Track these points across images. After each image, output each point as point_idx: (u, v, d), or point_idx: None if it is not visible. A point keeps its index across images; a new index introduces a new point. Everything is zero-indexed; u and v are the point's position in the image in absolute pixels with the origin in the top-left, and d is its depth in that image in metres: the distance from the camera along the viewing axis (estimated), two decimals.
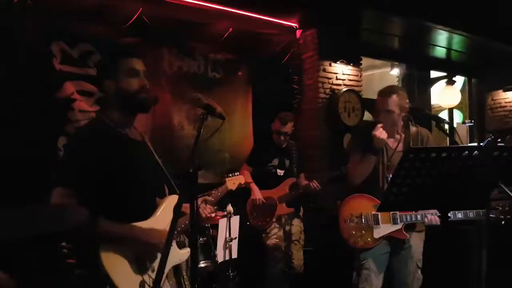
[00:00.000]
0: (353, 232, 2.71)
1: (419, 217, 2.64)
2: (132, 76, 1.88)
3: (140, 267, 1.84)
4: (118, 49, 1.89)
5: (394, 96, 2.66)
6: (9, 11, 3.34)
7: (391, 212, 2.67)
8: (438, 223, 2.57)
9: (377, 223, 2.68)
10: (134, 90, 1.87)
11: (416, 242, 2.76)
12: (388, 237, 2.70)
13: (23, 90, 3.38)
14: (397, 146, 2.77)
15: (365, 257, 2.70)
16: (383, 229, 2.68)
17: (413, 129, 2.81)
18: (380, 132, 2.59)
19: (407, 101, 2.75)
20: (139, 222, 1.86)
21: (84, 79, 3.72)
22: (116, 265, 1.78)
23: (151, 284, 1.82)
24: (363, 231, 2.69)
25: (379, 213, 2.68)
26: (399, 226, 2.66)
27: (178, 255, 2.04)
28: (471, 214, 2.65)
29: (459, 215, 2.63)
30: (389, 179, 2.68)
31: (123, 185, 1.83)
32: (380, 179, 2.75)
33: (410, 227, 2.71)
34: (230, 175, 2.64)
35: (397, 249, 2.74)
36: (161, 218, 1.93)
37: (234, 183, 2.62)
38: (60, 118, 3.59)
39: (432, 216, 2.60)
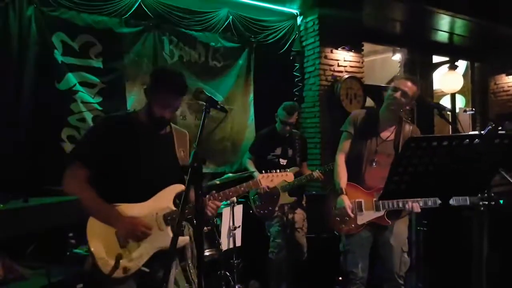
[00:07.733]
0: (338, 219, 2.80)
1: (400, 204, 2.68)
2: (166, 108, 2.01)
3: (120, 241, 1.94)
4: (177, 82, 2.01)
5: (411, 83, 2.70)
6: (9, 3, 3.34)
7: (374, 199, 2.73)
8: (419, 210, 2.65)
9: (360, 210, 2.75)
10: (160, 116, 2.01)
11: (401, 227, 2.81)
12: (371, 224, 2.76)
13: (26, 83, 3.40)
14: (388, 137, 2.80)
15: (350, 242, 2.80)
16: (366, 216, 2.75)
17: (406, 126, 2.82)
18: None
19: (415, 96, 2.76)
20: (130, 204, 1.97)
21: (86, 70, 3.74)
22: (97, 232, 1.93)
23: (127, 260, 1.92)
24: (347, 218, 2.76)
25: (362, 200, 2.75)
26: (381, 213, 2.72)
27: (164, 239, 1.97)
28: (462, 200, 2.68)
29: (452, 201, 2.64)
30: (374, 163, 2.73)
31: (128, 167, 1.97)
32: (364, 165, 2.79)
33: (394, 215, 2.75)
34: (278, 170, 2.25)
35: (381, 236, 2.79)
36: (152, 203, 2.02)
37: (272, 181, 2.23)
38: (63, 110, 3.62)
39: (413, 203, 2.64)
